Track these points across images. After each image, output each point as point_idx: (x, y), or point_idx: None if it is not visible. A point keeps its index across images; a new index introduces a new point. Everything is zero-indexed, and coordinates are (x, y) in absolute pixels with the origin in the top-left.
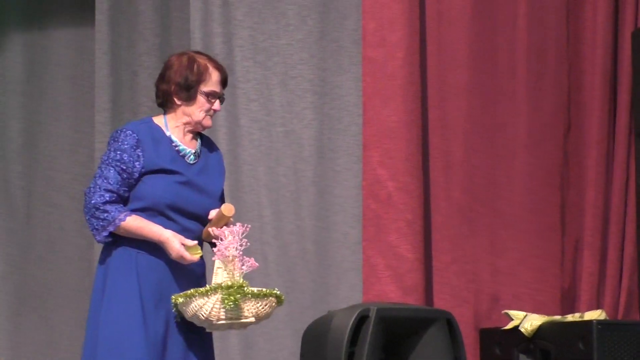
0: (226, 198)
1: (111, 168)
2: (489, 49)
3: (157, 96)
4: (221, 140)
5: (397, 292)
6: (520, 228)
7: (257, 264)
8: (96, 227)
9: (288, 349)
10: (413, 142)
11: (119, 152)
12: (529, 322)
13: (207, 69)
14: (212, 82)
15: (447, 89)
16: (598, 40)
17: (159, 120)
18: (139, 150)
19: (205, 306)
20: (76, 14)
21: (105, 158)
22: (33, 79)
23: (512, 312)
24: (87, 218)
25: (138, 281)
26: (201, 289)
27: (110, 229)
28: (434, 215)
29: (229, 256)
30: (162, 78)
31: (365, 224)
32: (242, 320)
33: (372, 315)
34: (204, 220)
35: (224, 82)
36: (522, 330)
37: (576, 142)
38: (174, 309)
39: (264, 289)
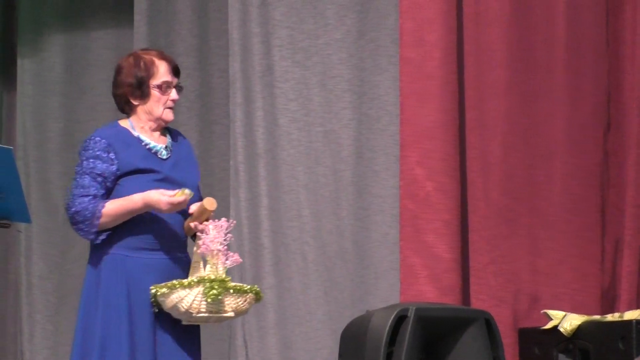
0: (266, 198)
1: (86, 176)
2: (526, 48)
3: (116, 104)
4: (259, 140)
5: (435, 292)
6: (559, 228)
7: (240, 259)
8: (84, 229)
9: (326, 349)
10: (450, 142)
11: (91, 160)
12: (568, 321)
13: (152, 62)
14: (160, 73)
15: (484, 89)
16: (638, 40)
17: (124, 123)
18: (111, 154)
19: (186, 298)
20: (115, 15)
21: (79, 168)
22: (72, 80)
23: (551, 312)
24: (74, 228)
25: (127, 289)
26: (183, 280)
27: (96, 222)
28: (472, 215)
29: (213, 250)
30: (115, 84)
31: (402, 224)
32: (221, 315)
33: (411, 315)
34: (184, 215)
35: (174, 71)
36: (562, 330)
37: (616, 142)
38: (153, 299)
39: (245, 285)
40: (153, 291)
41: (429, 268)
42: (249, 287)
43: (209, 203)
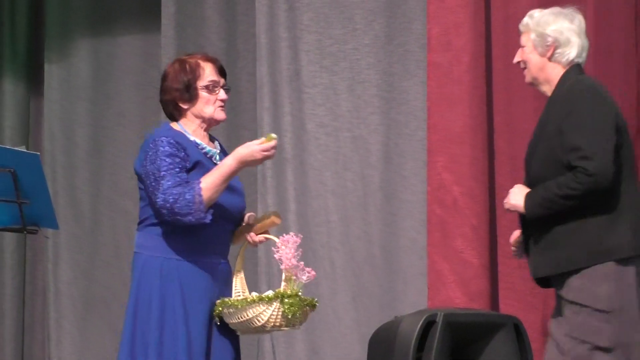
0: (293, 203)
1: (166, 174)
2: None
3: (164, 110)
4: (287, 146)
5: (463, 298)
6: None
7: (314, 273)
8: (192, 212)
9: (355, 354)
10: (478, 147)
11: (166, 159)
12: None
13: (198, 64)
14: (206, 74)
15: (513, 93)
16: None
17: (175, 126)
18: (181, 152)
19: (264, 313)
20: (142, 20)
21: (154, 170)
22: (99, 86)
23: None
24: (180, 220)
25: (182, 293)
26: (262, 295)
27: (200, 199)
28: (500, 220)
29: (292, 266)
30: (162, 90)
31: (430, 229)
32: (290, 328)
33: (439, 320)
34: (236, 222)
35: (220, 71)
36: None
37: None
38: (217, 311)
39: (308, 298)
40: (219, 303)
41: (457, 273)
42: (310, 299)
43: (278, 217)
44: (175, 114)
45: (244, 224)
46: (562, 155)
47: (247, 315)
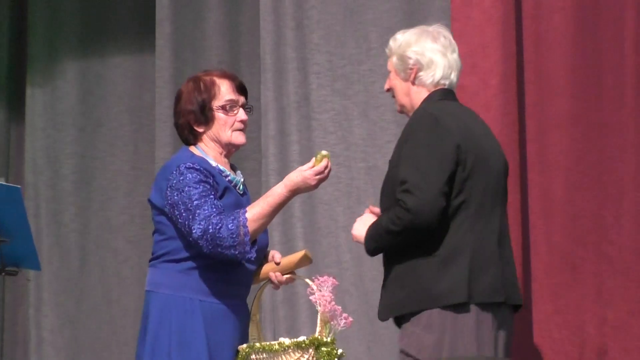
0: (301, 241)
1: (201, 201)
2: (593, 75)
3: (180, 135)
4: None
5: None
6: (630, 275)
7: (351, 319)
8: (235, 245)
9: None
10: (510, 180)
11: (197, 185)
12: None
13: (213, 83)
14: (223, 93)
15: (546, 120)
16: None
17: (195, 151)
18: (209, 179)
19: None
20: (136, 40)
21: (186, 200)
22: (88, 111)
23: None
24: (218, 252)
25: (206, 334)
26: (298, 340)
27: (245, 236)
28: (533, 261)
29: (331, 310)
30: (176, 113)
31: None
32: None
33: None
34: (259, 260)
35: (240, 89)
36: None
37: None
38: (243, 355)
39: (338, 350)
40: (246, 348)
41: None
42: (340, 351)
43: (309, 255)
44: (190, 139)
45: (268, 262)
46: (396, 187)
47: None
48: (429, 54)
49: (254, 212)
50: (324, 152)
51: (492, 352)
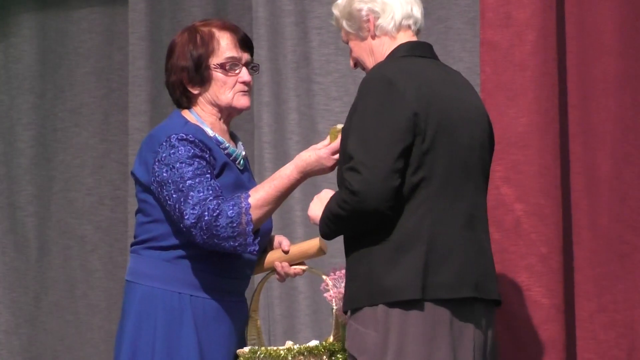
0: (300, 227)
1: (194, 180)
2: None
3: (171, 95)
4: (293, 151)
5: (530, 347)
6: None
7: None
8: (234, 237)
9: None
10: (548, 152)
11: (190, 161)
12: None
13: (212, 36)
14: (223, 48)
15: (591, 84)
16: None
17: (189, 116)
18: (206, 153)
19: None
20: None
21: (176, 177)
22: (48, 74)
23: None
24: (214, 243)
25: (197, 335)
26: (309, 346)
27: (247, 226)
28: (576, 249)
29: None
30: (167, 70)
31: None
32: None
33: None
34: (262, 247)
35: (242, 44)
36: None
37: None
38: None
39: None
40: (248, 353)
41: (521, 316)
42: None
43: (324, 243)
44: (183, 101)
45: (273, 250)
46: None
47: None
48: None
49: (258, 197)
50: (339, 126)
51: (451, 358)
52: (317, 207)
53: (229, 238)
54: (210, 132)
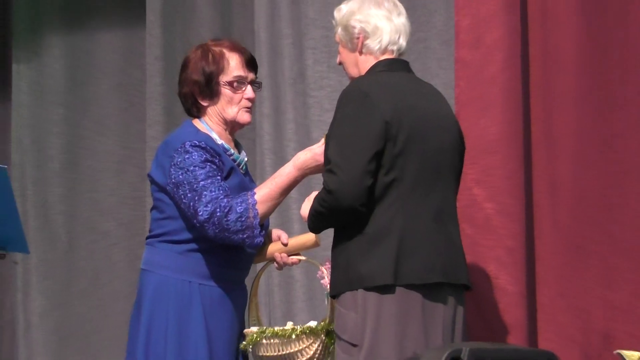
0: (297, 224)
1: (207, 181)
2: (600, 50)
3: (183, 104)
4: (290, 157)
5: (496, 329)
6: (636, 257)
7: None
8: (242, 230)
9: None
10: (515, 158)
11: (202, 165)
12: None
13: (222, 55)
14: (232, 68)
15: (552, 98)
16: None
17: (200, 125)
18: (216, 159)
19: (310, 346)
20: (125, 14)
21: (190, 179)
22: (75, 89)
23: (625, 352)
24: (225, 237)
25: (205, 320)
26: (312, 326)
27: (254, 220)
28: (538, 242)
29: None
30: (180, 81)
31: None
32: None
33: (465, 356)
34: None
35: (249, 64)
36: None
37: None
38: (252, 340)
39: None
40: (256, 332)
41: (490, 302)
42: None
43: (319, 239)
44: (194, 111)
45: (273, 242)
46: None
47: (291, 348)
48: (373, 21)
49: (263, 194)
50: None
51: (422, 336)
52: (306, 206)
53: (238, 231)
54: (218, 140)
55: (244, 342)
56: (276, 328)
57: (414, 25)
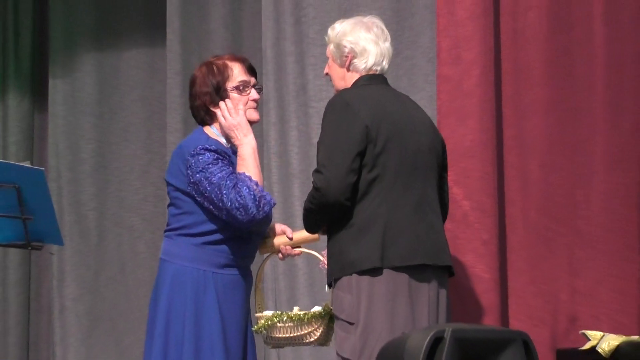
0: (299, 219)
1: (225, 176)
2: (565, 66)
3: (194, 116)
4: (293, 161)
5: (474, 312)
6: (599, 248)
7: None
8: (266, 203)
9: None
10: (489, 161)
11: (215, 162)
12: (606, 342)
13: (226, 66)
14: (235, 74)
15: (523, 108)
16: None
17: (209, 132)
18: (225, 160)
19: (317, 329)
20: (147, 34)
21: (208, 176)
22: (104, 100)
23: (589, 332)
24: (252, 214)
25: (219, 305)
26: (319, 311)
27: (259, 186)
28: (510, 235)
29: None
30: (192, 96)
31: None
32: (327, 344)
33: (447, 336)
34: (265, 232)
35: (250, 70)
36: (600, 350)
37: None
38: (265, 323)
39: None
40: (273, 315)
41: (468, 288)
42: None
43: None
44: (207, 119)
45: (278, 236)
46: None
47: (301, 331)
48: (362, 43)
49: (253, 173)
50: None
51: (410, 312)
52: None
53: (257, 205)
54: (226, 144)
55: (257, 324)
56: (291, 312)
57: (403, 44)
